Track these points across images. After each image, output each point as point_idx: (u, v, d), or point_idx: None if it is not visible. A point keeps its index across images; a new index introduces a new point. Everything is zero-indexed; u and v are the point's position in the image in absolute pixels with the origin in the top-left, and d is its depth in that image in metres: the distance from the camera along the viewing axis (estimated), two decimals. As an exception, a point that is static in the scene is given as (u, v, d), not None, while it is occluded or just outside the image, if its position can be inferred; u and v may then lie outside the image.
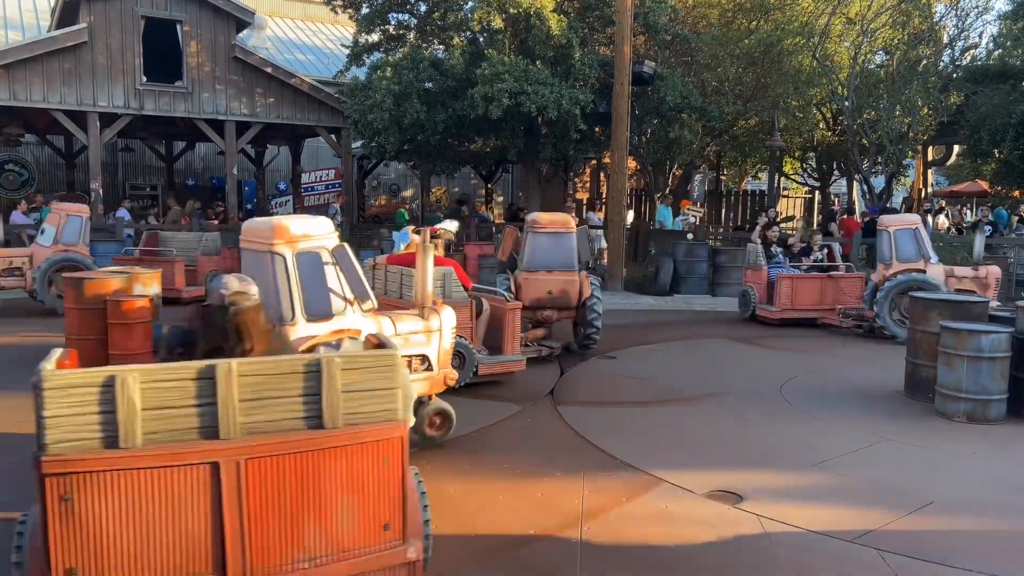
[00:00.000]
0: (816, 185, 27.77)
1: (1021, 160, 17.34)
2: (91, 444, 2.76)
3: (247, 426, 2.93)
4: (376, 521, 3.17)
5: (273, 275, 4.85)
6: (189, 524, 2.88)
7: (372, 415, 3.12)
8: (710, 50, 18.03)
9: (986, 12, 29.21)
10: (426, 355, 5.73)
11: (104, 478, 2.76)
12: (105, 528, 2.78)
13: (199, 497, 2.89)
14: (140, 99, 17.10)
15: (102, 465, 2.75)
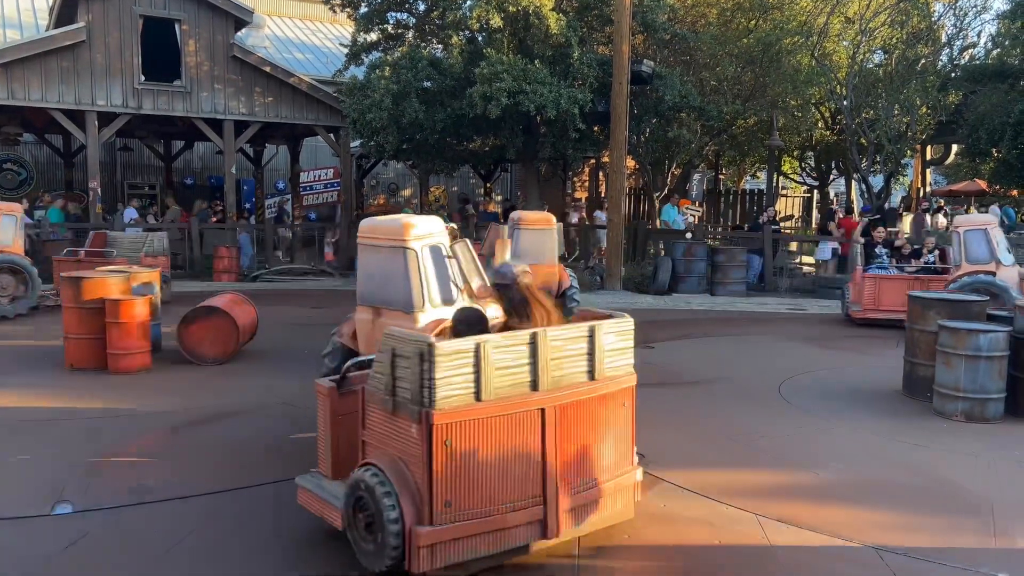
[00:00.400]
0: (815, 184, 27.79)
1: (1019, 159, 17.36)
2: (465, 399, 3.56)
3: (555, 379, 3.87)
4: (621, 452, 4.19)
5: (405, 268, 5.58)
6: (525, 458, 3.76)
7: (618, 368, 4.14)
8: (709, 49, 18.02)
9: (984, 11, 29.32)
10: None
11: (472, 425, 3.59)
12: (472, 465, 3.59)
13: (532, 436, 3.78)
14: (138, 98, 17.08)
15: (472, 415, 3.57)
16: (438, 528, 3.53)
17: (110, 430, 6.08)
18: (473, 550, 3.65)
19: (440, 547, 3.54)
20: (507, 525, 3.72)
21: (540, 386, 3.81)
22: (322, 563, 3.94)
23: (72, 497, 4.67)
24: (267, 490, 4.88)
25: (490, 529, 3.67)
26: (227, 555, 4.06)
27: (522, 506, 3.76)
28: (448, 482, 3.54)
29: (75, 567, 3.90)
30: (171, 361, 8.34)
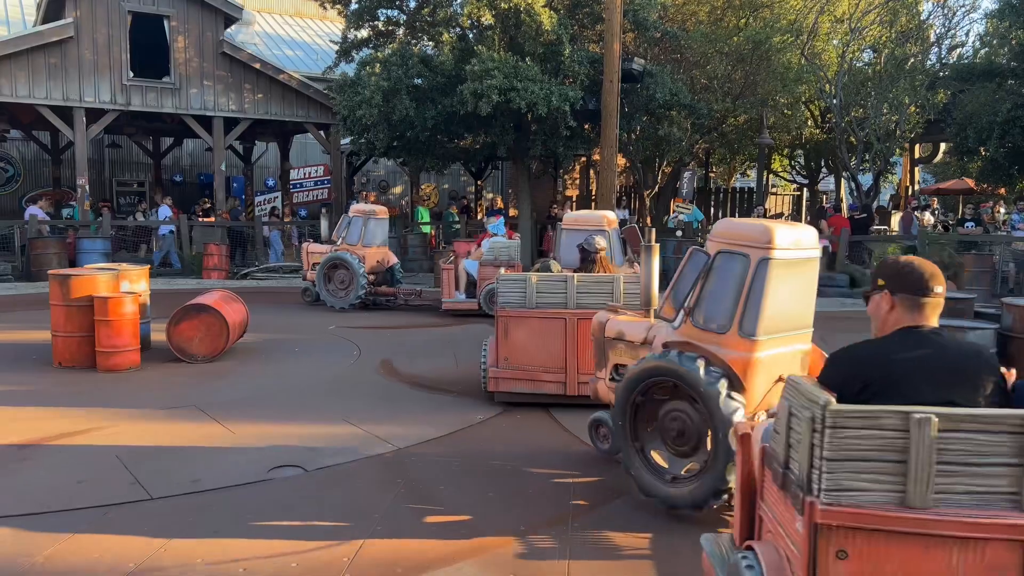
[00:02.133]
0: (804, 182, 27.91)
1: (1006, 158, 17.49)
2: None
3: (579, 305, 6.60)
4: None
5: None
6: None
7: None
8: (699, 47, 18.07)
9: (973, 11, 29.55)
10: None
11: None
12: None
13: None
14: (127, 95, 16.98)
15: None
16: None
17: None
18: None
19: None
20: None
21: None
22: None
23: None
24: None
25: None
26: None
27: None
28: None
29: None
30: (161, 359, 8.31)
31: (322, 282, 12.39)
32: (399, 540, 4.19)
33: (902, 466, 2.27)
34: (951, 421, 2.25)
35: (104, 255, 15.40)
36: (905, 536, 2.28)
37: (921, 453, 2.24)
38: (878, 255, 17.88)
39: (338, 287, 12.42)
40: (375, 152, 17.84)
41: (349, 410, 6.57)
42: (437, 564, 3.93)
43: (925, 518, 2.25)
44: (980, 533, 2.24)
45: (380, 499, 4.70)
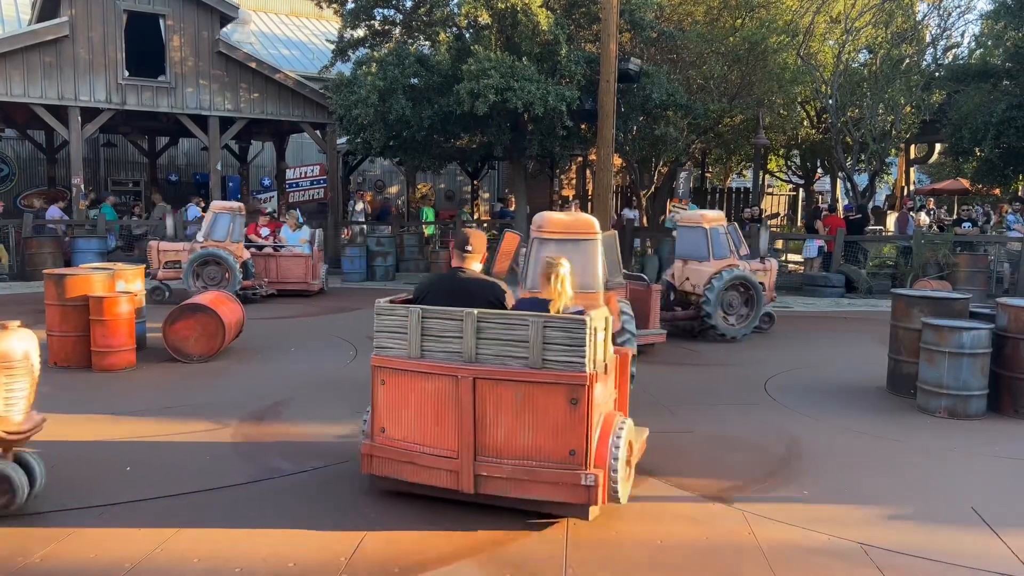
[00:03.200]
0: (800, 183, 27.96)
1: (1001, 158, 17.54)
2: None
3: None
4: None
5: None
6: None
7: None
8: (695, 47, 18.08)
9: (968, 12, 29.64)
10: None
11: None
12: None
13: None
14: (122, 94, 16.93)
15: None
16: None
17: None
18: None
19: None
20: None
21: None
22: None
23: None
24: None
25: None
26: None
27: None
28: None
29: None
30: (156, 359, 8.29)
31: (191, 279, 12.53)
32: (396, 540, 4.18)
33: (406, 335, 4.47)
34: (429, 312, 4.44)
35: (100, 255, 15.35)
36: (410, 373, 4.47)
37: (413, 328, 4.45)
38: (874, 255, 17.93)
39: (209, 283, 12.52)
40: (371, 152, 17.82)
41: (347, 408, 6.56)
42: (435, 563, 3.92)
43: (419, 364, 4.46)
44: (442, 373, 4.41)
45: (377, 498, 4.69)
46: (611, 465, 4.32)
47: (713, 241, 10.42)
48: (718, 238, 10.45)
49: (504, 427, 4.34)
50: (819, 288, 15.42)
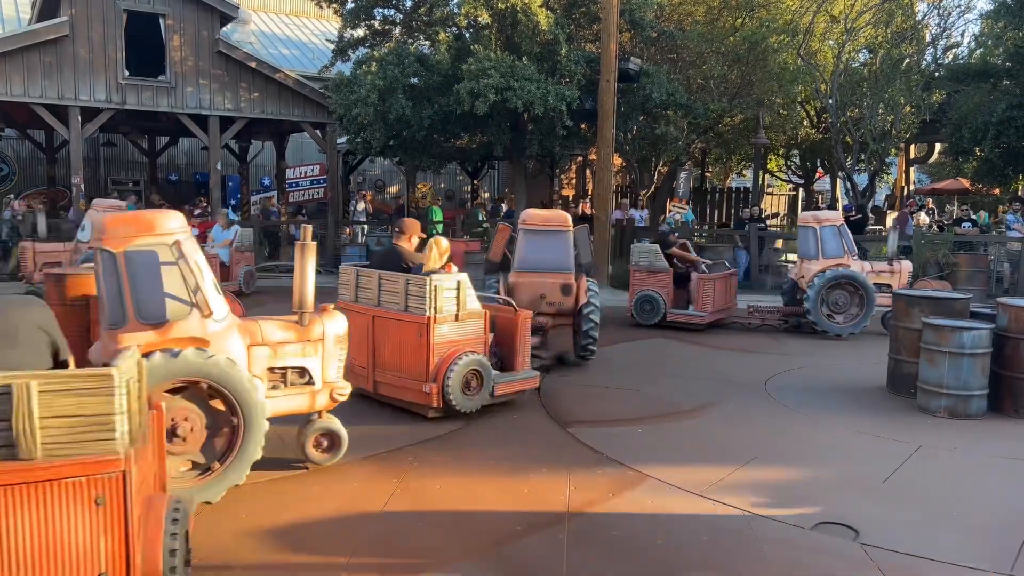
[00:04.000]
0: (800, 183, 27.94)
1: (1001, 158, 17.52)
2: None
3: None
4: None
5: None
6: None
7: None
8: (695, 47, 18.07)
9: (968, 11, 29.62)
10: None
11: None
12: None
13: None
14: (122, 93, 16.92)
15: None
16: None
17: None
18: None
19: None
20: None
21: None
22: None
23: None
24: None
25: None
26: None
27: None
28: None
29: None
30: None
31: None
32: (395, 540, 4.18)
33: (350, 287, 6.75)
34: (362, 273, 6.72)
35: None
36: (353, 312, 6.24)
37: (353, 283, 6.73)
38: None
39: None
40: (371, 151, 17.80)
41: (345, 408, 6.55)
42: (434, 564, 3.92)
43: (354, 305, 6.55)
44: (363, 312, 6.48)
45: (376, 498, 4.69)
46: (445, 382, 6.08)
47: (823, 240, 10.75)
48: (829, 237, 10.74)
49: (388, 350, 6.41)
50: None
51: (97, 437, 2.74)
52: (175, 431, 4.44)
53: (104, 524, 2.76)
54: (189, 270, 4.50)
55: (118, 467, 2.74)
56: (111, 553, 2.78)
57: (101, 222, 4.40)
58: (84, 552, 2.75)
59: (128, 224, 4.42)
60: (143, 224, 4.42)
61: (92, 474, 2.71)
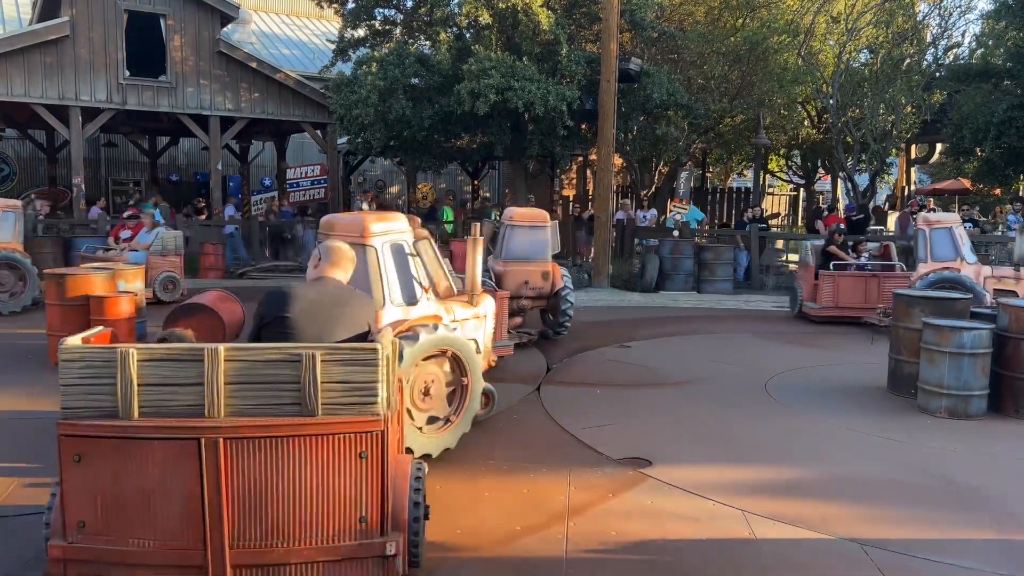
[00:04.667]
0: (801, 183, 27.95)
1: (1002, 158, 17.52)
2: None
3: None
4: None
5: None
6: None
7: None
8: (696, 47, 18.07)
9: (969, 11, 29.62)
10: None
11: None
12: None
13: None
14: (123, 93, 16.94)
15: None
16: None
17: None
18: None
19: None
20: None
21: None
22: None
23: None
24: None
25: None
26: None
27: None
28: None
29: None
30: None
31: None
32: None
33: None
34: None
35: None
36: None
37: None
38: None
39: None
40: (372, 151, 17.81)
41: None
42: (434, 564, 3.92)
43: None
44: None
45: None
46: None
47: (932, 243, 10.72)
48: (938, 240, 10.68)
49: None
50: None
51: (363, 401, 3.19)
52: (428, 391, 5.42)
53: (365, 475, 3.21)
54: (421, 261, 5.77)
55: (379, 427, 3.20)
56: (370, 500, 3.23)
57: (360, 221, 5.56)
58: (349, 497, 3.21)
59: (384, 222, 5.62)
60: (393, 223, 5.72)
61: (358, 431, 3.19)
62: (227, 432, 3.09)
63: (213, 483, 3.09)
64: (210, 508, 3.10)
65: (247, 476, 3.14)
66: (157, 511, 3.13)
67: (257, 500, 3.16)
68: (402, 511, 3.37)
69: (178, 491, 3.12)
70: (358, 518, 3.25)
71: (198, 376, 3.08)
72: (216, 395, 3.09)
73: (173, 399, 3.10)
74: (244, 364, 3.12)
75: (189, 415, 3.10)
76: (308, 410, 3.14)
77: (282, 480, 3.16)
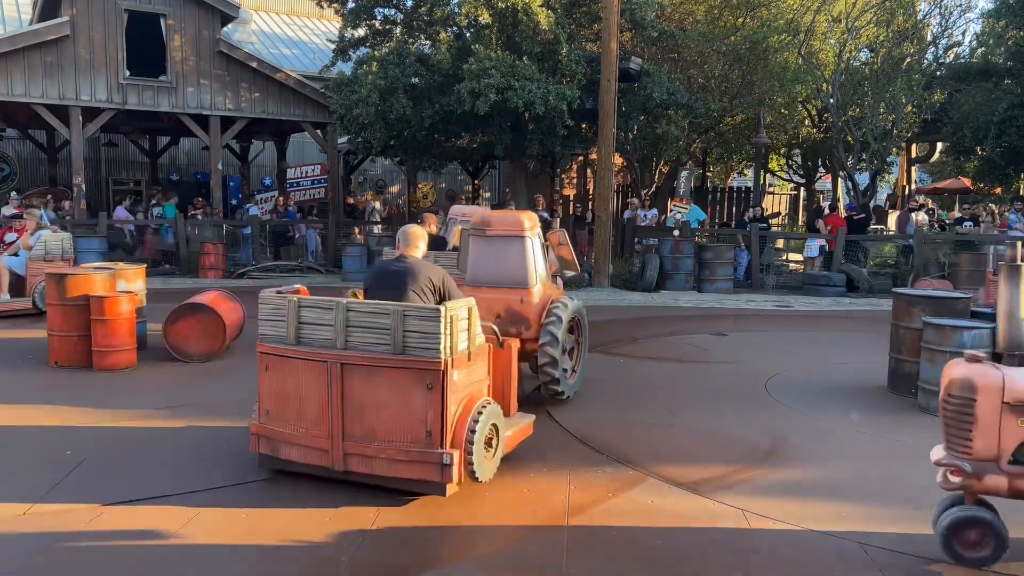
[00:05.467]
0: (802, 182, 27.94)
1: (1003, 157, 17.51)
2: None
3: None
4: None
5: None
6: None
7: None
8: (696, 47, 18.07)
9: (969, 10, 29.53)
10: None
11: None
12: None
13: None
14: (123, 93, 16.94)
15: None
16: None
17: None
18: None
19: None
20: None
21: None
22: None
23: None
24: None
25: None
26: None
27: None
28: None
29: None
30: (157, 359, 8.29)
31: None
32: (397, 541, 4.18)
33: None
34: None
35: (100, 254, 15.35)
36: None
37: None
38: (875, 255, 17.92)
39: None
40: (372, 151, 17.80)
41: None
42: (435, 564, 3.92)
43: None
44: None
45: (379, 498, 4.69)
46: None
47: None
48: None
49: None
50: (820, 287, 15.40)
51: (430, 347, 4.45)
52: (569, 351, 6.94)
53: (432, 402, 4.48)
54: (545, 250, 7.11)
55: (439, 367, 4.45)
56: (434, 420, 4.48)
57: (496, 217, 6.93)
58: (420, 416, 4.51)
59: (529, 220, 6.86)
60: (532, 220, 6.91)
61: (426, 368, 4.48)
62: (344, 359, 4.59)
63: (336, 394, 4.61)
64: (332, 411, 4.63)
65: (355, 392, 4.60)
66: (305, 409, 4.73)
67: (360, 410, 4.60)
68: (461, 434, 4.54)
69: (315, 397, 4.70)
70: (425, 432, 4.48)
71: (331, 320, 4.60)
72: (338, 334, 4.58)
73: (315, 334, 4.69)
74: (357, 314, 4.58)
75: (324, 347, 4.65)
76: (396, 349, 4.50)
77: (377, 397, 4.56)
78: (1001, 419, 3.81)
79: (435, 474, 4.46)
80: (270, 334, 4.84)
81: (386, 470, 4.55)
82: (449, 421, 4.45)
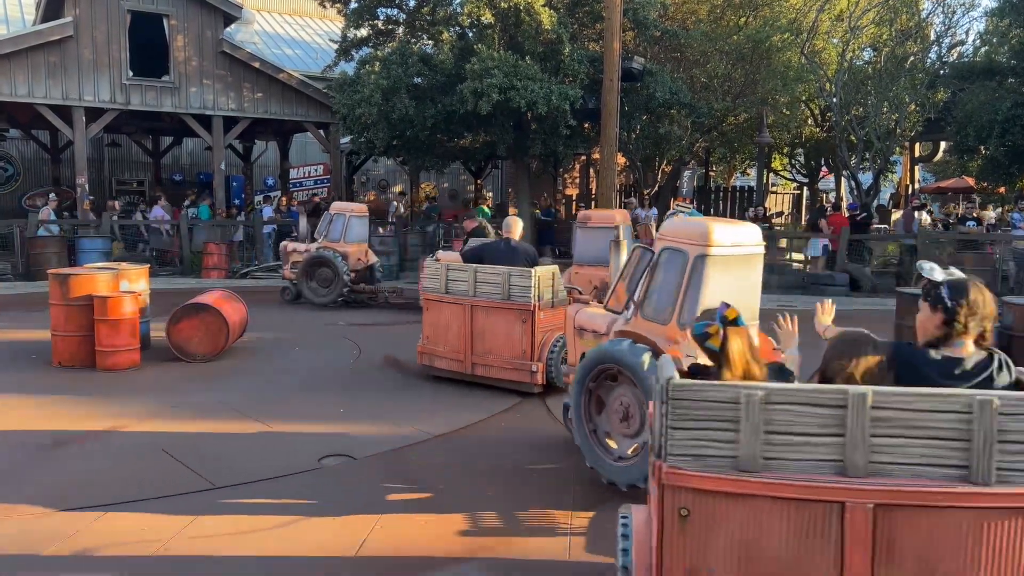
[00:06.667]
0: (805, 181, 27.90)
1: (1006, 156, 17.45)
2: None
3: None
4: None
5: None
6: None
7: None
8: (699, 46, 18.05)
9: (972, 9, 29.49)
10: None
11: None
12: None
13: None
14: (126, 94, 16.96)
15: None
16: None
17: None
18: None
19: None
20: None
21: None
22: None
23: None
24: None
25: None
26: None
27: None
28: None
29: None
30: (160, 358, 8.29)
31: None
32: (400, 539, 4.19)
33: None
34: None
35: (104, 254, 15.37)
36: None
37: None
38: (878, 254, 17.87)
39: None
40: (374, 151, 17.81)
41: (350, 408, 6.56)
42: (437, 564, 3.92)
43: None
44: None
45: (382, 497, 4.70)
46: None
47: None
48: None
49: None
50: (823, 287, 15.36)
51: (524, 296, 6.91)
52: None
53: (525, 332, 6.93)
54: (632, 238, 8.70)
55: (530, 309, 6.89)
56: (527, 344, 6.93)
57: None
58: (518, 341, 6.98)
59: (621, 215, 9.13)
60: (623, 216, 9.42)
61: (521, 309, 6.95)
62: (473, 303, 7.14)
63: (468, 326, 7.20)
64: (466, 336, 7.24)
65: (479, 324, 7.13)
66: (449, 336, 7.36)
67: (483, 335, 7.13)
68: (543, 353, 6.93)
69: (456, 327, 7.30)
70: (522, 351, 6.92)
71: (467, 278, 7.24)
72: (471, 287, 7.19)
73: (456, 287, 7.30)
74: (482, 274, 7.10)
75: (462, 295, 7.24)
76: (504, 297, 6.96)
77: (493, 328, 7.05)
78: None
79: (527, 377, 6.90)
80: (430, 286, 7.44)
81: (498, 375, 7.09)
82: (536, 345, 6.87)
